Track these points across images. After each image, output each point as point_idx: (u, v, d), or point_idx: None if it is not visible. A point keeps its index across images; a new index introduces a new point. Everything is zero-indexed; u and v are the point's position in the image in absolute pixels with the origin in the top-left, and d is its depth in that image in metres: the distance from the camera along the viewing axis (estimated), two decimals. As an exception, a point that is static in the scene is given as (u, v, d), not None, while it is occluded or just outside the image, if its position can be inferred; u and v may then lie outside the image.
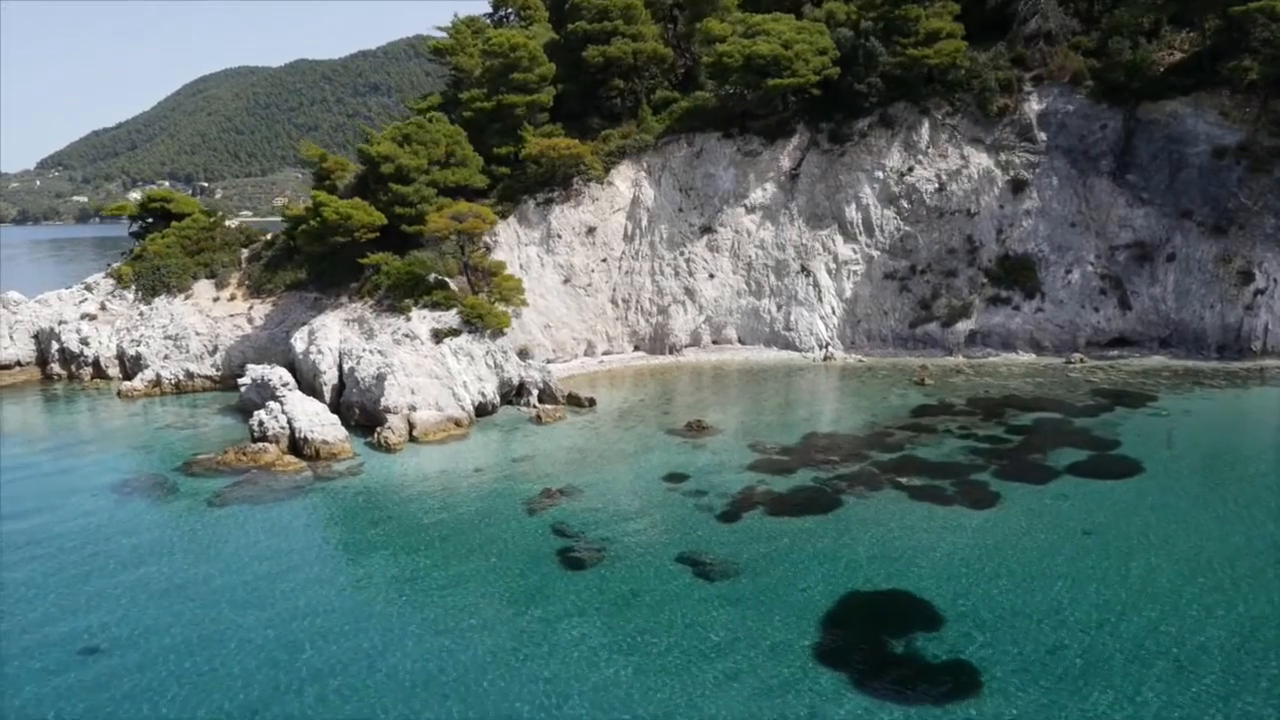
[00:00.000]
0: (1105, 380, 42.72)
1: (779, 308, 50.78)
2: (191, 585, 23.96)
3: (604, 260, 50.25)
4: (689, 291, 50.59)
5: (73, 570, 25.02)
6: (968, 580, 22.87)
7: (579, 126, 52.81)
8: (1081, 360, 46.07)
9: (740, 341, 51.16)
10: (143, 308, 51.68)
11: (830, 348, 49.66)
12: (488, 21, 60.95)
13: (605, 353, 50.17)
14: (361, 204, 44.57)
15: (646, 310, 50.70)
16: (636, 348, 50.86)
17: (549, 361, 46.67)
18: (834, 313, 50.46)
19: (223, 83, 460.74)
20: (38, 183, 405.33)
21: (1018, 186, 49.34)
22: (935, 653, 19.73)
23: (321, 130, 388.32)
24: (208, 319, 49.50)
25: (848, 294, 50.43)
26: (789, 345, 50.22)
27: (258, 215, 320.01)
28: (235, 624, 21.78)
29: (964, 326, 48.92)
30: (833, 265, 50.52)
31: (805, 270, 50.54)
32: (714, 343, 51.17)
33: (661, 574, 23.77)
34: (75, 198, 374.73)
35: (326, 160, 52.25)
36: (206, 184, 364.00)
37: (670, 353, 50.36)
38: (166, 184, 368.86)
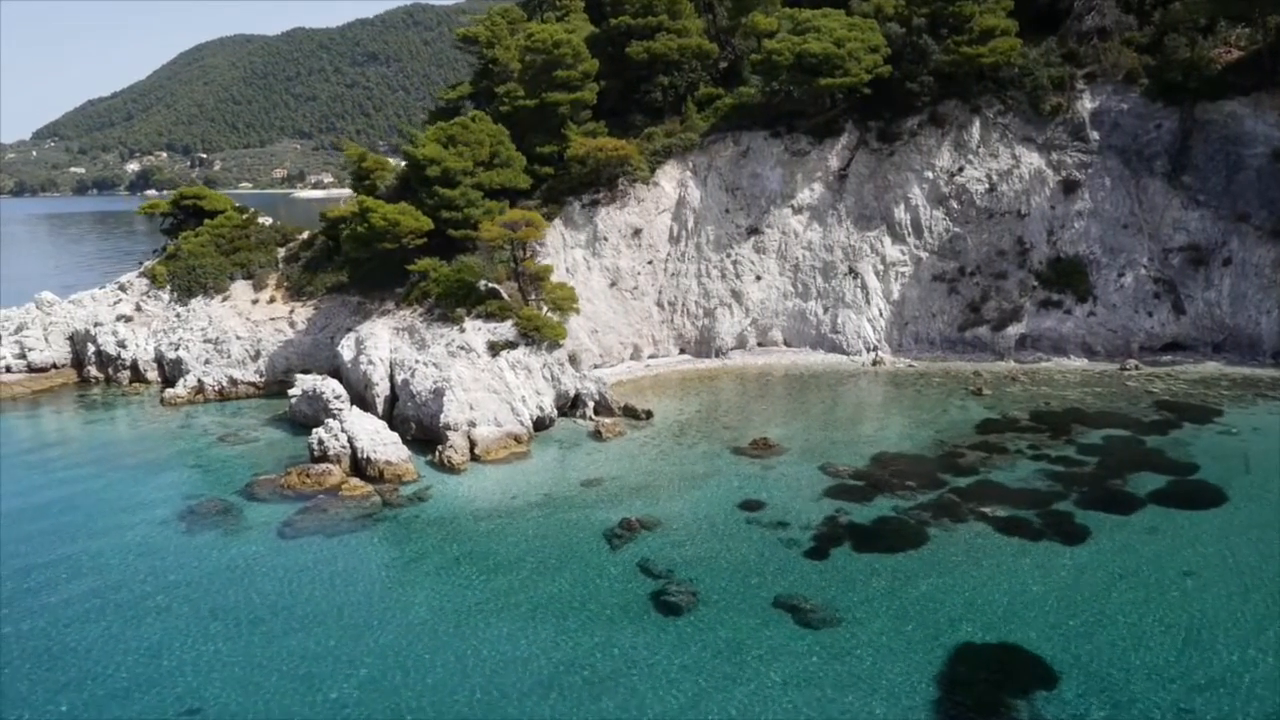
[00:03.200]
0: (1165, 390, 42.17)
1: (826, 310, 50.10)
2: (276, 629, 23.49)
3: (650, 262, 49.44)
4: (735, 294, 49.83)
5: (152, 613, 24.49)
6: (1075, 629, 22.46)
7: (620, 123, 51.76)
8: (1137, 367, 45.46)
9: (786, 344, 50.54)
10: (179, 309, 50.88)
11: (878, 351, 49.08)
12: (521, 11, 59.52)
13: (651, 356, 49.53)
14: (409, 209, 43.62)
15: (692, 313, 49.99)
16: (682, 350, 50.22)
17: (595, 366, 46.13)
18: (881, 315, 49.81)
19: (219, 51, 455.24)
20: (34, 153, 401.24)
21: (1069, 187, 48.50)
22: (1060, 717, 19.36)
23: (320, 101, 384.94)
24: (248, 322, 48.69)
25: (895, 296, 49.74)
26: (836, 348, 49.61)
27: (258, 188, 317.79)
28: (329, 673, 21.34)
29: (1014, 330, 48.29)
30: (880, 267, 49.78)
31: (853, 272, 49.81)
32: (759, 345, 50.54)
33: (762, 621, 23.34)
34: (72, 169, 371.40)
35: (366, 160, 51.10)
36: (205, 155, 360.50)
37: (716, 355, 49.71)
38: (164, 155, 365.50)
